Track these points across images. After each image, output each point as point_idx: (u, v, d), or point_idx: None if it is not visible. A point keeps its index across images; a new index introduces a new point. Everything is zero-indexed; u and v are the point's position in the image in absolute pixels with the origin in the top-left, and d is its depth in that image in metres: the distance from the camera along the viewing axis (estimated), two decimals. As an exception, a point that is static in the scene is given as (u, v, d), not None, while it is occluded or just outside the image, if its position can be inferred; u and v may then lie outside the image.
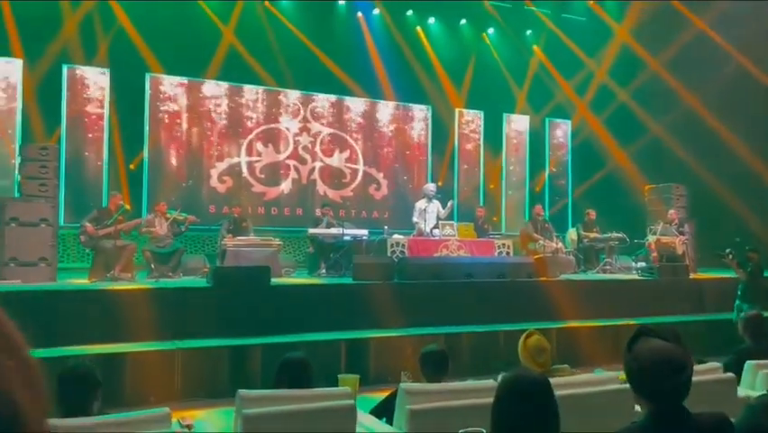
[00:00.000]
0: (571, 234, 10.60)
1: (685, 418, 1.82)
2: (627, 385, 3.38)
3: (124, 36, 10.60)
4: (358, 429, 2.81)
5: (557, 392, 3.28)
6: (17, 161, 8.84)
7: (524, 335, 3.57)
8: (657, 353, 1.83)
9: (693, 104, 11.50)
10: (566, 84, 13.65)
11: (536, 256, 8.72)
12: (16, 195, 7.49)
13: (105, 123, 10.63)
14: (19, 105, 9.94)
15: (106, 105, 10.63)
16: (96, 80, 10.63)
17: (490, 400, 3.17)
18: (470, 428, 2.13)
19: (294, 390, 2.86)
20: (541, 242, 9.79)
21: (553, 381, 3.37)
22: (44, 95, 10.13)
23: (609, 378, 3.41)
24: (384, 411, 3.41)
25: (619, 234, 10.30)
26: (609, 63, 13.13)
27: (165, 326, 6.07)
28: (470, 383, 3.29)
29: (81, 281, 7.44)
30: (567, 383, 3.33)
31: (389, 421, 3.28)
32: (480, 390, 3.09)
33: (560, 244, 10.05)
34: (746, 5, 10.87)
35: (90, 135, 10.56)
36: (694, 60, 11.59)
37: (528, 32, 14.04)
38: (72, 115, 10.47)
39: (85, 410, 2.52)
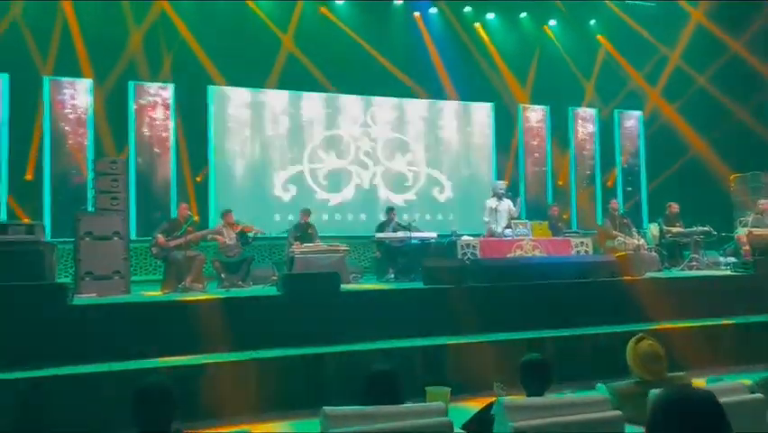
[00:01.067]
0: (653, 229, 9.98)
1: None
2: (758, 394, 2.98)
3: (186, 50, 10.76)
4: (456, 449, 2.53)
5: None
6: (89, 176, 9.05)
7: (633, 340, 3.20)
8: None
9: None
10: (636, 73, 12.99)
11: (619, 254, 8.20)
12: (90, 209, 7.58)
13: (171, 136, 10.79)
14: (90, 122, 10.21)
15: (172, 118, 10.79)
16: (161, 95, 10.80)
17: (602, 414, 2.84)
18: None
19: (383, 406, 2.60)
20: (620, 238, 9.25)
21: (669, 391, 3.00)
22: (112, 111, 10.40)
23: (735, 387, 3.00)
24: (477, 426, 3.11)
25: (705, 228, 9.64)
26: (683, 48, 12.38)
27: (237, 336, 5.94)
28: (579, 397, 2.96)
29: (154, 293, 7.46)
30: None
31: (485, 438, 2.98)
32: (591, 403, 2.76)
33: (641, 241, 9.47)
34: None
35: (157, 149, 10.74)
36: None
37: (592, 21, 13.46)
38: (139, 129, 10.66)
39: (163, 430, 2.35)
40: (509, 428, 2.61)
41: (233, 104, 11.37)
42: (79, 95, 10.24)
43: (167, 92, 10.82)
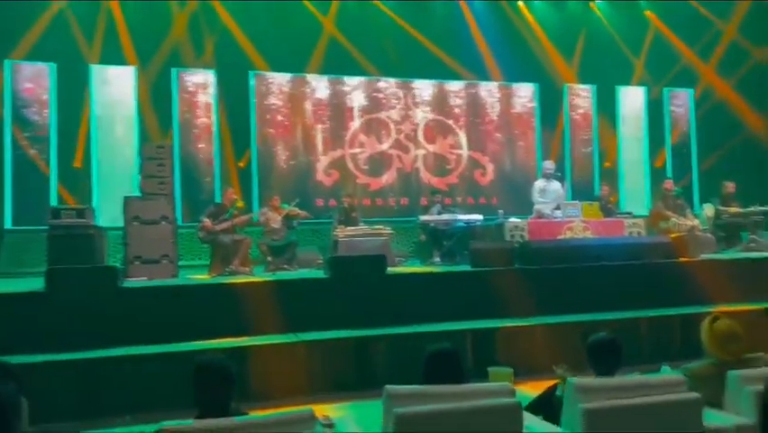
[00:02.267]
0: (707, 210, 9.59)
1: None
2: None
3: (228, 36, 10.79)
4: (524, 431, 2.41)
5: (757, 387, 2.73)
6: (135, 161, 9.16)
7: (708, 319, 3.01)
8: None
9: None
10: (687, 49, 12.47)
11: (674, 235, 7.89)
12: (136, 194, 7.65)
13: (214, 122, 10.84)
14: (135, 110, 10.33)
15: (214, 104, 10.83)
16: (204, 80, 10.85)
17: (679, 396, 2.68)
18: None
19: (447, 385, 2.50)
20: (674, 219, 8.92)
21: (748, 373, 2.82)
22: (156, 98, 10.50)
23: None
24: (542, 409, 2.99)
25: (764, 208, 9.22)
26: (739, 21, 11.81)
27: (286, 318, 5.93)
28: (653, 378, 2.79)
29: (201, 277, 7.51)
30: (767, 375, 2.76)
31: (550, 420, 2.86)
32: (666, 384, 2.61)
33: (695, 222, 9.11)
34: None
35: (200, 135, 10.80)
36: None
37: (641, -4, 12.97)
38: (183, 116, 10.74)
39: (223, 409, 2.29)
40: (580, 409, 2.48)
41: (274, 88, 11.35)
42: (124, 81, 10.35)
43: (209, 78, 10.86)
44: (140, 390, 4.82)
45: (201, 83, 10.85)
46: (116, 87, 10.33)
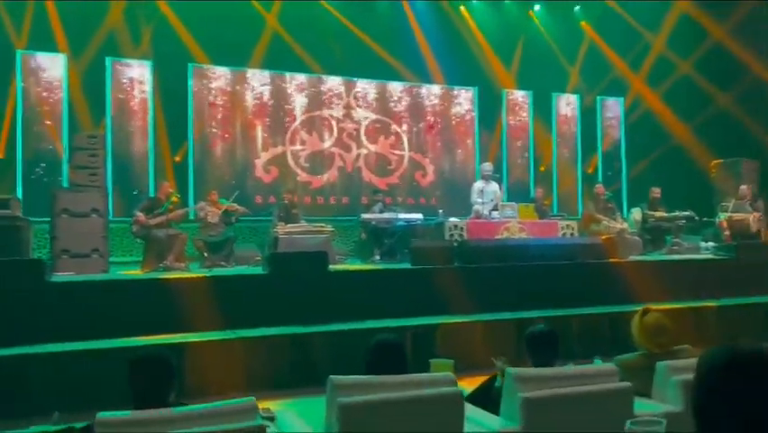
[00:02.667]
0: (635, 214, 10.03)
1: None
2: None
3: (167, 26, 10.48)
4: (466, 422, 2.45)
5: (683, 376, 2.87)
6: (65, 152, 8.76)
7: (638, 312, 3.15)
8: None
9: (761, 72, 10.76)
10: (619, 60, 13.00)
11: (604, 237, 8.21)
12: (65, 185, 7.33)
13: (150, 115, 10.50)
14: (65, 98, 9.88)
15: (150, 96, 10.49)
16: (140, 72, 10.49)
17: (612, 386, 2.79)
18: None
19: (391, 375, 2.51)
20: (605, 222, 9.28)
21: (676, 363, 2.97)
22: (89, 88, 10.06)
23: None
24: (481, 400, 3.04)
25: (687, 213, 9.72)
26: (668, 34, 12.41)
27: (223, 315, 5.81)
28: (588, 367, 2.89)
29: (134, 272, 7.26)
30: (692, 366, 2.91)
31: (489, 411, 2.91)
32: (600, 374, 2.70)
33: (624, 225, 9.51)
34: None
35: (135, 128, 10.43)
36: (760, 26, 10.85)
37: (577, 7, 13.42)
38: (116, 107, 10.35)
39: (162, 401, 2.22)
40: (519, 398, 2.54)
41: (214, 82, 11.10)
42: (53, 70, 9.89)
43: (145, 69, 10.51)
44: (68, 389, 4.60)
45: (137, 74, 10.48)
46: (45, 75, 9.86)
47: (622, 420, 2.01)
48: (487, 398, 2.99)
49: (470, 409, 2.73)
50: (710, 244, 9.61)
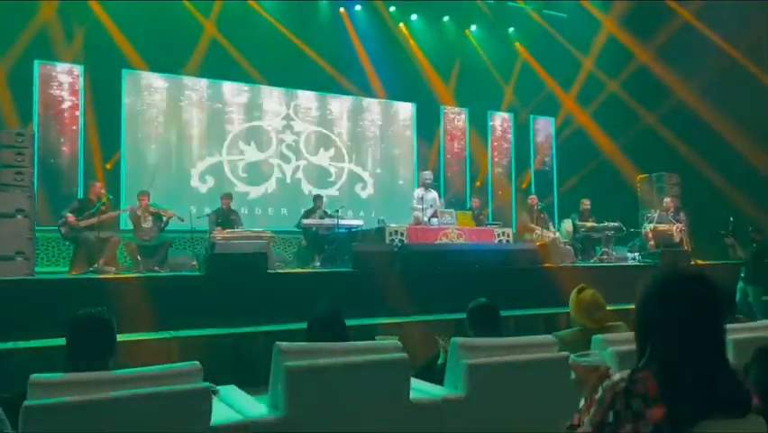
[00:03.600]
0: (567, 224, 10.40)
1: None
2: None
3: (100, 30, 10.16)
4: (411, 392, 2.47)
5: (617, 348, 2.99)
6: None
7: (575, 290, 3.28)
8: None
9: (683, 93, 11.46)
10: (551, 79, 13.55)
11: (539, 243, 8.47)
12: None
13: (80, 120, 10.13)
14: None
15: (81, 101, 10.13)
16: (70, 75, 10.13)
17: (552, 354, 2.87)
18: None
19: (338, 343, 2.50)
20: (538, 232, 9.57)
21: (610, 336, 3.09)
22: (15, 89, 9.61)
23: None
24: (425, 376, 3.07)
25: (615, 224, 10.15)
26: (596, 55, 13.06)
27: (158, 315, 5.63)
28: (530, 337, 2.97)
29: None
30: (625, 339, 3.04)
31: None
32: (542, 344, 2.78)
33: (557, 235, 9.84)
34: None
35: (64, 132, 10.04)
36: (683, 49, 11.58)
37: (511, 28, 13.93)
38: (44, 112, 9.94)
39: (101, 364, 2.14)
40: (463, 365, 2.59)
41: (149, 89, 10.84)
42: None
43: (76, 72, 10.17)
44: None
45: (67, 77, 10.13)
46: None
47: (560, 387, 2.08)
48: (430, 374, 3.02)
49: (415, 381, 2.75)
50: (636, 254, 10.08)
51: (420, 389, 2.67)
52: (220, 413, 2.32)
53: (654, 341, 1.42)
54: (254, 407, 2.48)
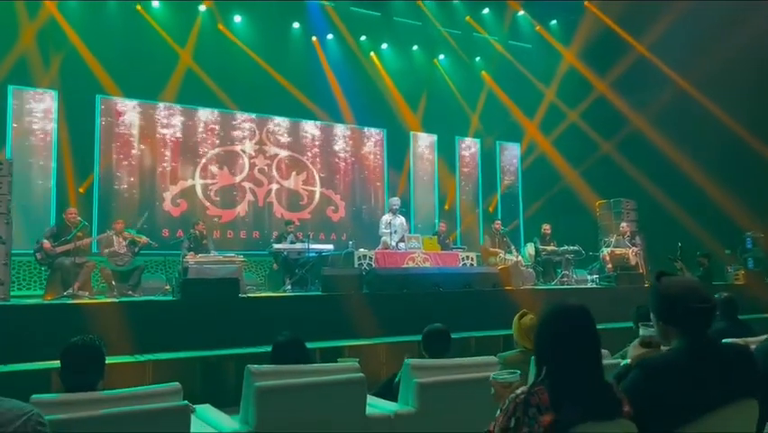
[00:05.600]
0: (529, 248, 10.85)
1: (712, 344, 1.90)
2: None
3: (76, 57, 10.37)
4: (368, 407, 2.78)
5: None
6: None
7: (517, 315, 3.63)
8: (686, 283, 1.92)
9: (639, 122, 12.08)
10: (516, 108, 14.11)
11: (501, 267, 8.87)
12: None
13: (54, 145, 10.28)
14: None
15: (54, 127, 10.29)
16: (45, 101, 10.30)
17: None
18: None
19: (302, 365, 2.81)
20: (501, 255, 9.98)
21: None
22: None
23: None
24: (383, 394, 3.38)
25: (575, 248, 10.62)
26: (558, 86, 13.67)
27: (133, 340, 5.83)
28: (474, 358, 3.31)
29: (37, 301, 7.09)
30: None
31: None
32: (485, 364, 3.12)
33: (519, 258, 10.26)
34: (680, 31, 11.54)
35: (38, 157, 10.19)
36: (638, 81, 12.22)
37: (477, 58, 14.49)
38: (18, 136, 10.08)
39: (91, 387, 2.41)
40: (414, 384, 2.91)
41: (123, 115, 11.05)
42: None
43: (50, 98, 10.35)
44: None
45: (41, 103, 10.29)
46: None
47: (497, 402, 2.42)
48: (388, 392, 3.34)
49: (372, 398, 3.06)
50: (595, 277, 10.56)
51: (376, 405, 2.98)
52: (197, 429, 2.60)
53: (547, 362, 1.79)
54: (228, 423, 2.76)
